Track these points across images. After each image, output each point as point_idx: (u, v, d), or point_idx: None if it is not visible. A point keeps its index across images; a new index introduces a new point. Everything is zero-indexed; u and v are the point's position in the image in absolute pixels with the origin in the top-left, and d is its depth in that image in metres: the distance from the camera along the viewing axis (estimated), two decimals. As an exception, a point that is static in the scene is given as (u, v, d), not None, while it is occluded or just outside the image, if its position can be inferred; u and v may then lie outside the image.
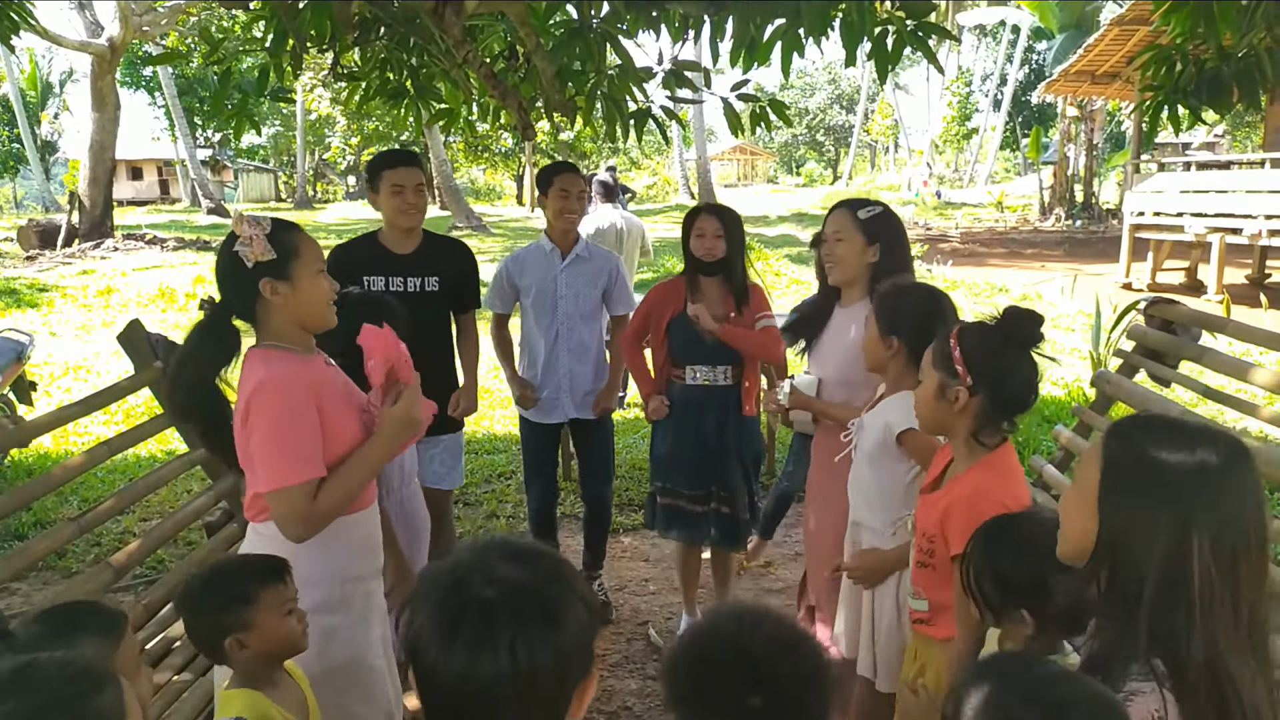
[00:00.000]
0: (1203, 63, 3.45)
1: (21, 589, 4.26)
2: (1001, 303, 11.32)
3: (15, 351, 5.85)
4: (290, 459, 1.88)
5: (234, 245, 1.93)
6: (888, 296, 2.39)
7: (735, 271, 3.38)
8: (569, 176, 3.71)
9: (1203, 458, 1.18)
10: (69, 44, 17.03)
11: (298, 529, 1.90)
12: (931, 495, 2.00)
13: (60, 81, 40.98)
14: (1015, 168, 43.30)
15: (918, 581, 2.03)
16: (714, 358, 3.40)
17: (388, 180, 3.34)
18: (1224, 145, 28.67)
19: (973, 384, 1.86)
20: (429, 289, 3.44)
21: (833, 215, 2.83)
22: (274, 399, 1.89)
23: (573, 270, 3.73)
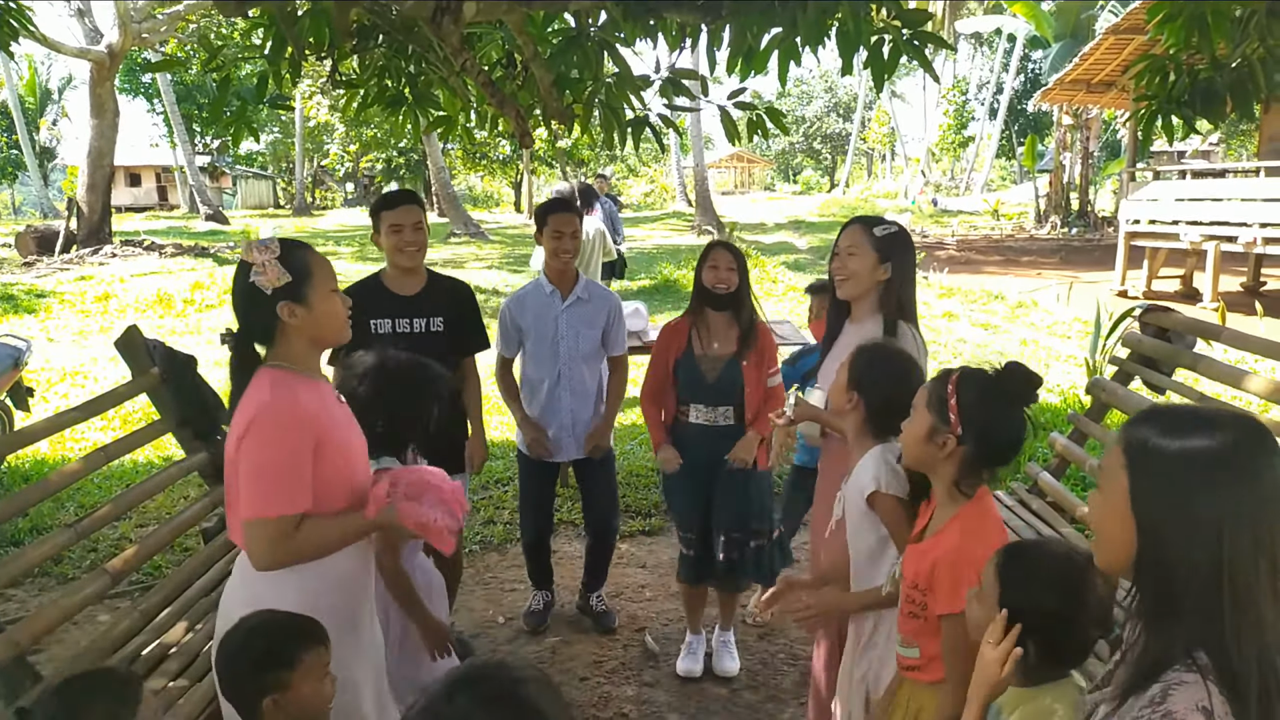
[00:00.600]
0: (1197, 72, 3.48)
1: (18, 595, 4.26)
2: (998, 310, 11.29)
3: (12, 357, 5.86)
4: (274, 491, 1.88)
5: (249, 274, 1.94)
6: (866, 353, 2.39)
7: (743, 308, 3.38)
8: (562, 217, 3.68)
9: (1226, 440, 1.15)
10: (68, 51, 17.06)
11: (263, 560, 1.90)
12: (919, 546, 1.99)
13: (59, 88, 41.03)
14: (1011, 176, 43.42)
15: (907, 630, 2.01)
16: (715, 398, 3.39)
17: (386, 220, 3.35)
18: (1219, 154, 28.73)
19: (962, 433, 1.87)
20: (434, 329, 3.43)
21: (847, 230, 2.83)
22: (272, 427, 1.89)
23: (574, 312, 3.71)
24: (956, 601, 1.79)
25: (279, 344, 1.99)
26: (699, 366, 3.38)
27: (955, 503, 1.94)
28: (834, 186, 52.24)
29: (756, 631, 3.87)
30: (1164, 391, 3.90)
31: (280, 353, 1.99)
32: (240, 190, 43.92)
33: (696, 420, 3.43)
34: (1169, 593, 1.16)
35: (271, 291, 1.93)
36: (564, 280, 3.73)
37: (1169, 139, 3.64)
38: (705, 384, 3.38)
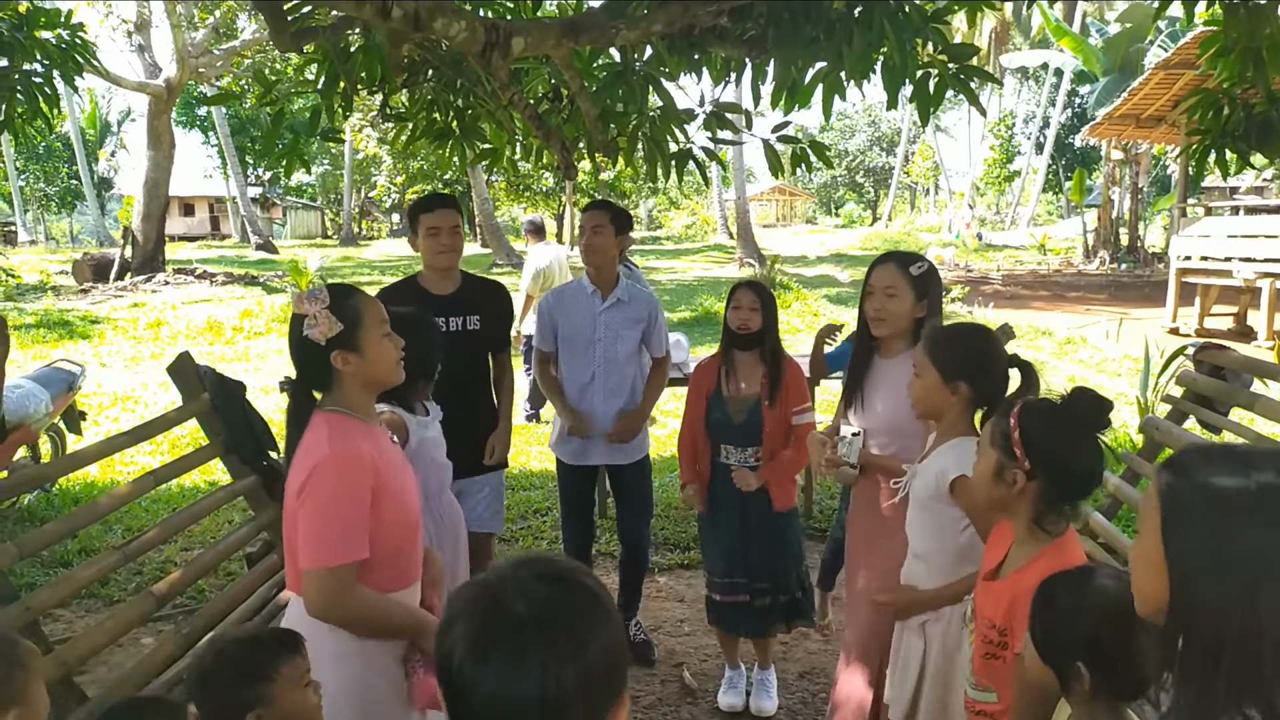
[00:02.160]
0: (1251, 106, 3.42)
1: (65, 615, 4.32)
2: (1045, 345, 11.14)
3: (67, 382, 5.99)
4: (333, 540, 1.89)
5: (303, 327, 1.97)
6: (943, 342, 2.32)
7: (767, 344, 3.37)
8: (596, 213, 3.75)
9: (1263, 482, 1.09)
10: (128, 84, 17.62)
11: (325, 611, 1.91)
12: (996, 584, 1.90)
13: (118, 120, 42.39)
14: (1058, 210, 42.92)
15: (984, 674, 1.91)
16: (742, 439, 3.38)
17: (424, 223, 3.43)
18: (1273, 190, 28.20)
19: (1031, 468, 1.79)
20: (470, 328, 3.50)
21: (883, 270, 2.78)
22: (333, 478, 1.91)
23: (612, 313, 3.73)
24: None
25: (335, 389, 2.03)
26: (727, 408, 3.38)
27: (1038, 542, 1.85)
28: (876, 220, 52.03)
29: (797, 669, 3.81)
30: (1219, 431, 3.79)
31: (336, 398, 2.03)
32: (290, 220, 44.85)
33: (727, 461, 3.41)
34: (1203, 642, 1.10)
35: (325, 342, 1.96)
36: (602, 280, 3.75)
37: (1223, 174, 3.58)
38: (733, 425, 3.37)
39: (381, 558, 1.97)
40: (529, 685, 0.94)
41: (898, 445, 2.75)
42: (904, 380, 2.70)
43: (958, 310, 15.30)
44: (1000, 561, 1.95)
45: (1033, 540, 1.86)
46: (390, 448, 2.11)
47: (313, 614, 1.92)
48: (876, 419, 2.79)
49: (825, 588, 4.14)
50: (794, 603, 3.47)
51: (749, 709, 3.54)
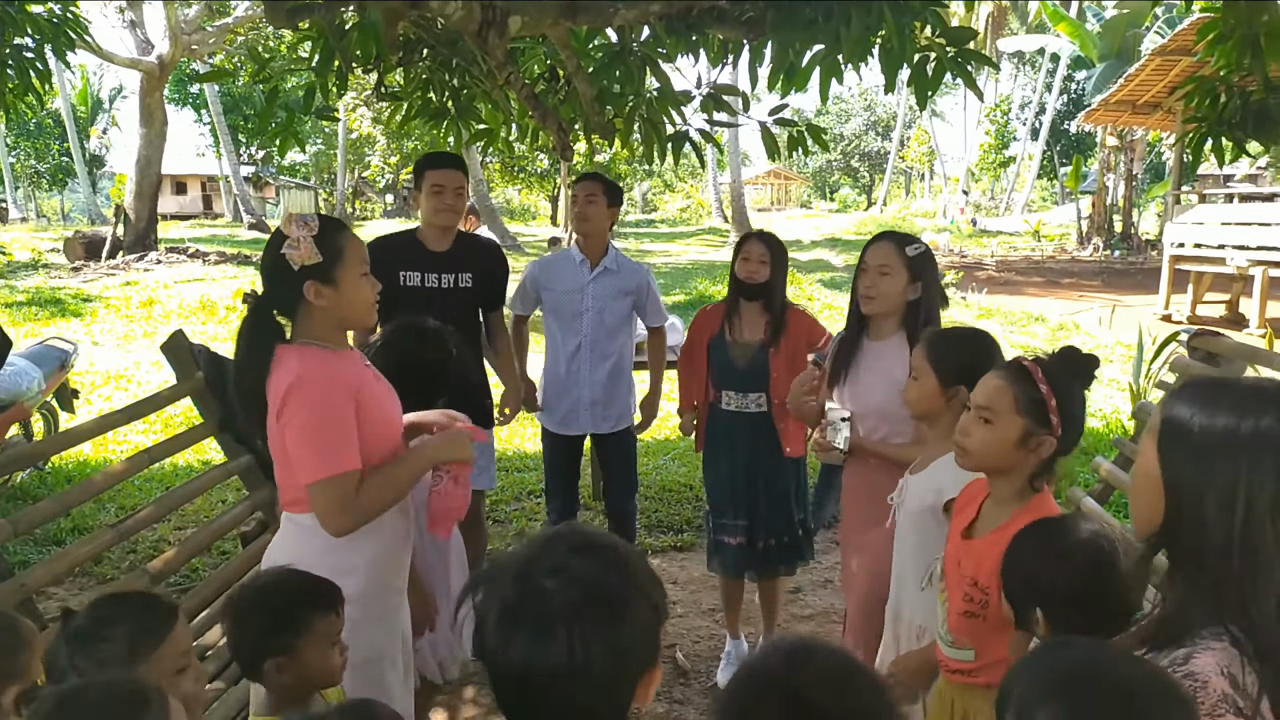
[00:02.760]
0: (1248, 94, 3.42)
1: (59, 594, 4.32)
2: (1039, 331, 11.16)
3: (59, 360, 5.97)
4: (330, 451, 1.89)
5: (281, 246, 1.94)
6: (945, 345, 2.29)
7: (775, 297, 3.38)
8: (590, 183, 3.75)
9: (1257, 411, 1.16)
10: (120, 61, 17.47)
11: (339, 521, 1.91)
12: (979, 541, 1.90)
13: (110, 98, 42.05)
14: (1052, 197, 42.93)
15: (962, 631, 1.91)
16: (745, 384, 3.40)
17: (429, 179, 3.43)
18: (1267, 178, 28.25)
19: (1061, 433, 1.79)
20: (462, 285, 3.52)
21: (878, 247, 2.76)
22: (310, 394, 1.91)
23: (600, 282, 3.73)
24: None
25: (303, 321, 2.00)
26: (729, 353, 3.40)
27: (1022, 498, 1.85)
28: (871, 205, 51.99)
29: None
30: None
31: (304, 329, 2.01)
32: (283, 200, 44.57)
33: (728, 407, 3.44)
34: (1192, 555, 1.19)
35: (300, 268, 1.93)
36: (590, 249, 3.75)
37: (1219, 161, 3.59)
38: (736, 370, 3.39)
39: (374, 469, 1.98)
40: (558, 654, 0.96)
41: (886, 429, 2.74)
42: (893, 363, 2.70)
43: (951, 295, 15.32)
44: (972, 520, 1.95)
45: (1017, 498, 1.86)
46: (365, 369, 2.09)
47: (328, 529, 1.92)
48: (864, 402, 2.77)
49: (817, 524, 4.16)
50: (794, 544, 3.51)
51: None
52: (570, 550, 1.03)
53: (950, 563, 1.97)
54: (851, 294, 2.84)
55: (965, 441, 1.88)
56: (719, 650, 3.80)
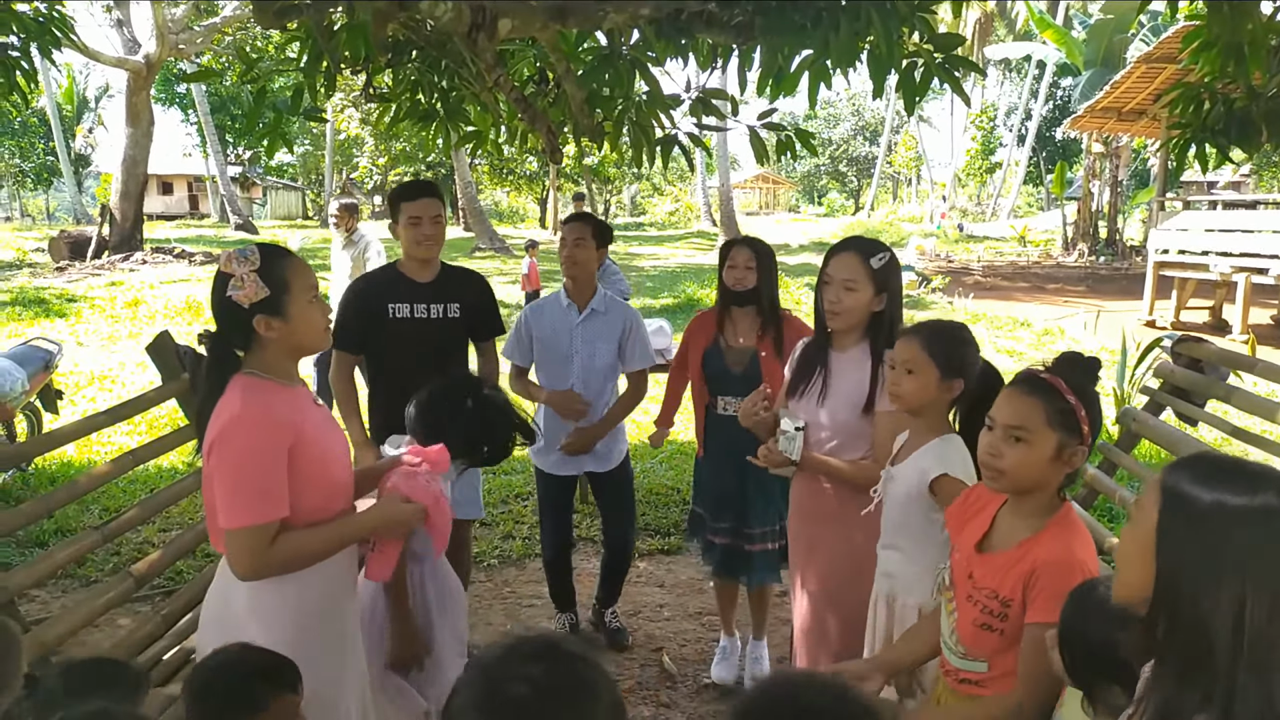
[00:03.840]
0: (1231, 101, 3.45)
1: (41, 596, 4.29)
2: (1024, 336, 11.23)
3: (43, 360, 5.93)
4: (249, 499, 1.86)
5: (226, 287, 1.93)
6: (942, 340, 2.28)
7: (764, 301, 3.38)
8: (576, 225, 3.73)
9: (1264, 501, 1.13)
10: (107, 60, 17.37)
11: (245, 570, 1.89)
12: (998, 555, 1.87)
13: (96, 97, 41.78)
14: (1038, 203, 43.18)
15: (976, 644, 1.88)
16: (742, 389, 3.35)
17: (405, 211, 3.40)
18: (1250, 185, 28.50)
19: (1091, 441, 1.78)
20: (450, 315, 3.48)
21: (843, 259, 2.66)
22: (242, 436, 1.88)
23: (589, 325, 3.72)
24: (1058, 609, 1.68)
25: (255, 352, 1.99)
26: (725, 359, 3.42)
27: (1048, 511, 1.83)
28: (859, 210, 52.12)
29: (775, 654, 3.84)
30: (1196, 423, 3.85)
31: (255, 360, 1.99)
32: (270, 201, 44.44)
33: (725, 412, 3.43)
34: (1184, 643, 1.15)
35: (249, 306, 1.92)
36: (578, 293, 3.74)
37: (1203, 168, 3.61)
38: (732, 376, 3.41)
39: (306, 518, 1.95)
40: None
41: (840, 440, 2.67)
42: (854, 373, 2.66)
43: (937, 300, 15.40)
44: (985, 532, 1.92)
45: (1043, 510, 1.83)
46: (314, 409, 2.07)
47: (239, 575, 1.89)
48: (822, 413, 2.71)
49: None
50: (783, 551, 3.48)
51: (741, 682, 3.58)
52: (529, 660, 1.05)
53: (960, 574, 1.93)
54: (816, 305, 2.76)
55: (998, 463, 1.81)
56: (706, 653, 3.81)
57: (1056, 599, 1.69)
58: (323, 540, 1.99)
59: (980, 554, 1.91)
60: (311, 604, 2.02)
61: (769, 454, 2.65)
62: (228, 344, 2.01)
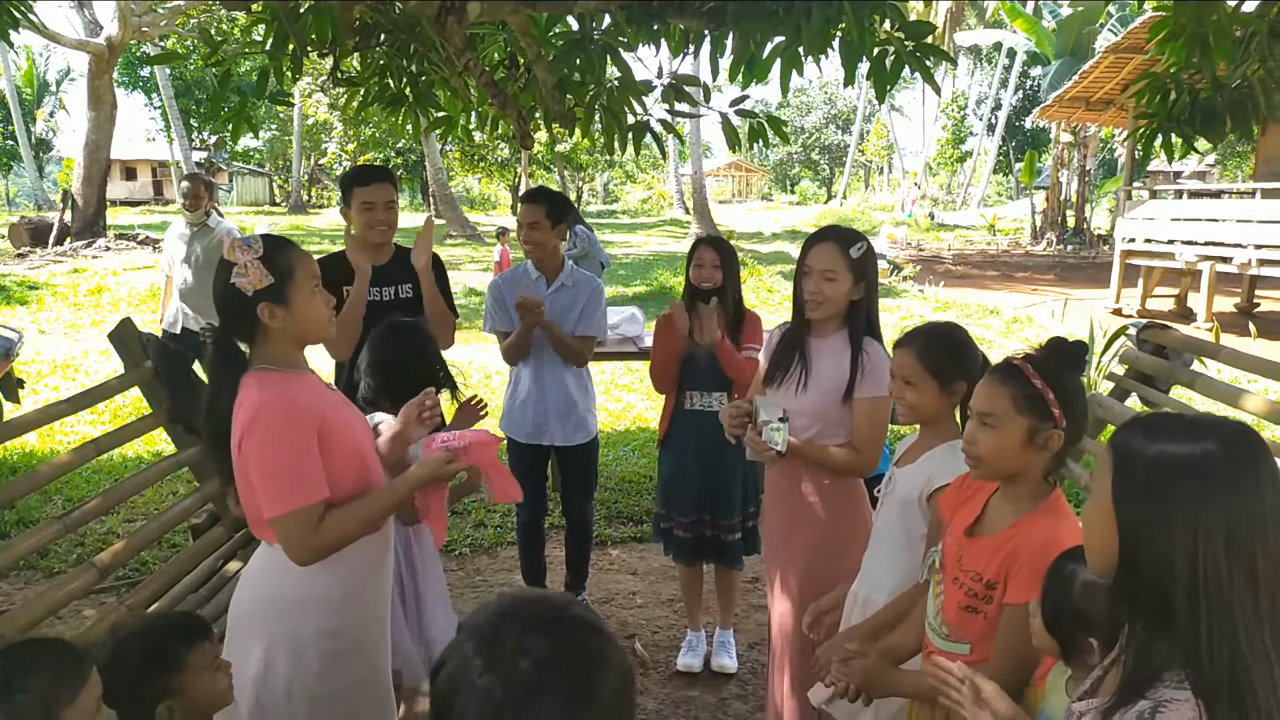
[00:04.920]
0: (1197, 92, 3.49)
1: (2, 587, 4.22)
2: (994, 324, 11.33)
3: (4, 348, 5.81)
4: (291, 484, 1.87)
5: (230, 275, 1.92)
6: (935, 349, 2.25)
7: (729, 299, 3.47)
8: (530, 208, 3.75)
9: (1208, 449, 1.15)
10: (67, 42, 17.02)
11: (302, 554, 1.90)
12: (987, 539, 1.88)
13: (57, 80, 40.96)
14: (1008, 192, 43.60)
15: (960, 625, 1.91)
16: (708, 384, 3.49)
17: (358, 196, 3.38)
18: (1215, 174, 28.92)
19: (1066, 424, 1.78)
20: (403, 296, 3.50)
21: (822, 250, 2.64)
22: (270, 424, 1.88)
23: (557, 298, 3.74)
24: (1035, 591, 1.72)
25: (261, 344, 1.98)
26: (693, 354, 3.48)
27: (1035, 497, 1.84)
28: (831, 198, 52.38)
29: (747, 640, 3.86)
30: (1161, 408, 3.90)
31: (263, 353, 1.99)
32: (236, 187, 43.82)
33: (692, 407, 3.53)
34: (1150, 598, 1.17)
35: (253, 294, 1.91)
36: (548, 266, 3.77)
37: (1169, 157, 3.65)
38: (699, 369, 3.48)
39: (348, 496, 1.96)
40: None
41: (818, 428, 2.68)
42: (834, 361, 2.66)
43: (908, 289, 15.50)
44: (976, 517, 1.94)
45: (1030, 496, 1.85)
46: (327, 390, 2.08)
47: (297, 561, 1.90)
48: (801, 400, 2.69)
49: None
50: (747, 536, 3.59)
51: (701, 676, 3.60)
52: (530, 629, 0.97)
53: (949, 558, 1.96)
54: (794, 293, 2.75)
55: (974, 450, 1.84)
56: (678, 640, 3.82)
57: (1034, 580, 1.72)
58: (370, 510, 1.99)
59: (969, 538, 1.93)
60: (351, 591, 2.04)
61: (754, 444, 2.63)
62: (232, 336, 2.01)
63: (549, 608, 1.01)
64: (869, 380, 2.60)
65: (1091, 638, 1.55)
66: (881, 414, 2.64)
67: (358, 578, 2.05)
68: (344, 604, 2.02)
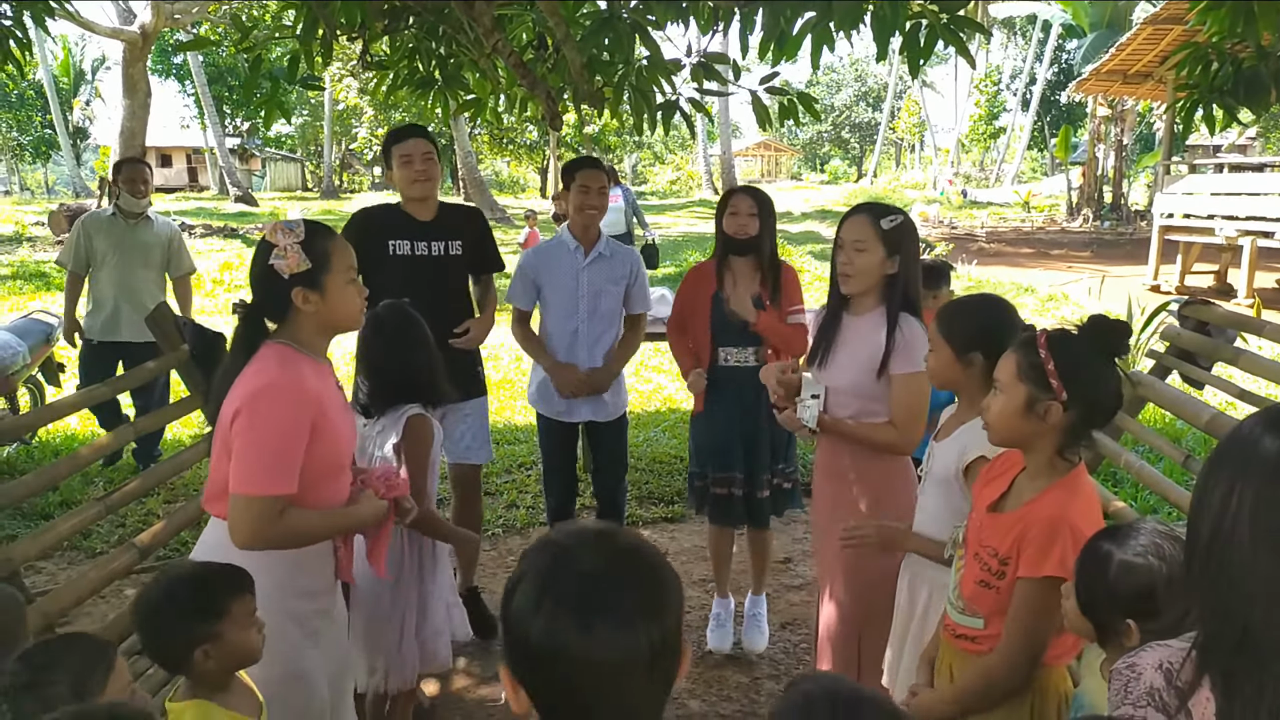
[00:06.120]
0: (1240, 62, 3.40)
1: (47, 568, 4.32)
2: (1028, 303, 11.19)
3: (44, 333, 5.93)
4: (270, 469, 1.87)
5: (269, 256, 1.94)
6: (955, 315, 2.26)
7: (765, 251, 3.39)
8: (591, 172, 3.67)
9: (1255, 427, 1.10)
10: (102, 31, 17.19)
11: (245, 538, 1.89)
12: (1004, 516, 1.89)
13: (93, 68, 41.49)
14: (1042, 168, 42.93)
15: (975, 600, 1.92)
16: (740, 340, 3.42)
17: (397, 153, 3.43)
18: (1256, 148, 28.27)
19: (1068, 397, 1.77)
20: (453, 252, 3.52)
21: (853, 221, 2.65)
22: (275, 404, 1.89)
23: (595, 268, 3.69)
24: (1043, 565, 1.74)
25: (290, 324, 2.01)
26: (725, 309, 3.39)
27: (1053, 473, 1.84)
28: (861, 176, 51.86)
29: (779, 620, 3.86)
30: (1202, 386, 3.83)
31: (289, 332, 2.01)
32: (269, 172, 44.23)
33: (727, 363, 3.45)
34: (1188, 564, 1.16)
35: (289, 276, 1.94)
36: (587, 237, 3.72)
37: (1210, 129, 3.57)
38: (731, 327, 3.40)
39: (308, 496, 1.96)
40: (635, 639, 0.96)
41: (858, 405, 2.68)
42: (868, 338, 2.65)
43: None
44: (1003, 494, 1.94)
45: (1049, 472, 1.85)
46: (335, 389, 2.09)
47: (237, 543, 1.89)
48: (839, 377, 2.71)
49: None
50: (787, 491, 3.57)
51: (736, 651, 3.60)
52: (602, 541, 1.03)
53: (972, 531, 1.97)
54: (831, 269, 2.77)
55: (985, 415, 1.90)
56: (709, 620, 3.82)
57: (1041, 555, 1.74)
58: (324, 525, 2.03)
59: (991, 514, 1.94)
60: (290, 583, 2.04)
61: (789, 419, 2.72)
62: (262, 314, 2.03)
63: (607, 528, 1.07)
64: (904, 355, 2.57)
65: (1129, 619, 1.54)
66: (919, 390, 2.60)
67: (296, 568, 2.04)
68: (281, 594, 1.99)
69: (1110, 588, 1.56)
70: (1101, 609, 1.59)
